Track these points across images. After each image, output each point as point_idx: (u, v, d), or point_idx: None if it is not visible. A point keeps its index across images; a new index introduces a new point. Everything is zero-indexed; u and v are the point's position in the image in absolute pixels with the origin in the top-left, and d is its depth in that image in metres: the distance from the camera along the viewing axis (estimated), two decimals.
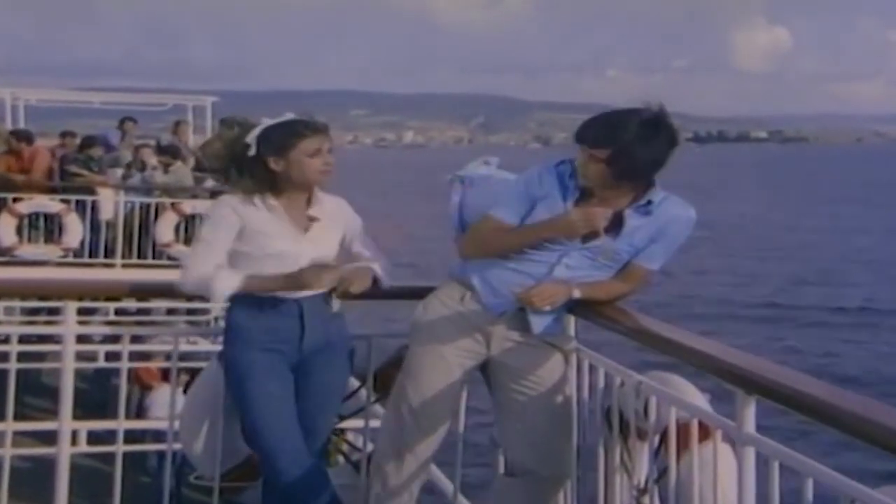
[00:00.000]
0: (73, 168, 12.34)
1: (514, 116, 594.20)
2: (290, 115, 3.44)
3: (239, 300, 3.44)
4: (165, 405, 9.03)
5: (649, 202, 3.35)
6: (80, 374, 3.93)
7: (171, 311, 11.63)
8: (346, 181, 3.49)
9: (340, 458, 4.58)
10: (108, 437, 5.01)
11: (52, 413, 4.11)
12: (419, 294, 3.67)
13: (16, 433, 4.37)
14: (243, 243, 3.40)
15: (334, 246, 3.50)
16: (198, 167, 12.91)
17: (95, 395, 9.24)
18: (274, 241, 3.37)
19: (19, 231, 11.67)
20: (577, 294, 3.34)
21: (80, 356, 4.13)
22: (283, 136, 3.35)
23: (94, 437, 5.94)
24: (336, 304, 3.49)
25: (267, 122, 3.41)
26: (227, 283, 3.37)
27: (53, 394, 3.98)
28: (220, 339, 3.58)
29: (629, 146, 3.21)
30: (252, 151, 3.35)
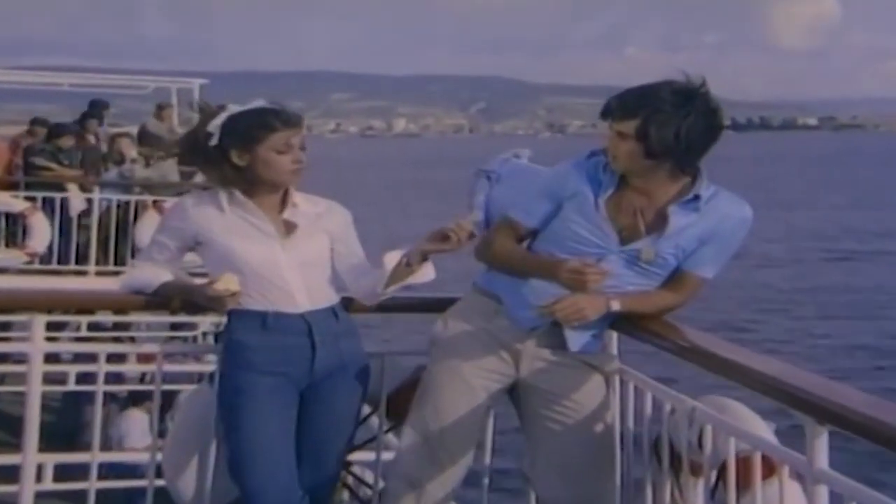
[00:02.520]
0: (40, 161, 12.38)
1: (520, 101, 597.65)
2: (259, 103, 3.46)
3: (238, 315, 3.47)
4: (141, 434, 9.16)
5: (696, 197, 3.35)
6: (46, 399, 3.95)
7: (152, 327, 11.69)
8: (329, 176, 3.50)
9: (346, 495, 4.58)
10: (78, 471, 5.03)
11: (13, 445, 4.13)
12: (439, 307, 3.68)
13: None
14: (208, 250, 3.46)
15: (318, 254, 3.51)
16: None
17: (64, 424, 9.29)
18: (241, 244, 3.40)
19: None
20: (615, 306, 3.34)
21: (47, 378, 4.15)
22: (249, 128, 3.37)
23: (62, 472, 5.97)
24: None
25: (234, 108, 3.43)
26: (135, 274, 3.62)
27: (14, 422, 4.01)
28: (209, 357, 3.60)
29: (658, 114, 3.22)
30: (214, 141, 3.38)
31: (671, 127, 3.21)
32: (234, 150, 3.36)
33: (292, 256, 3.42)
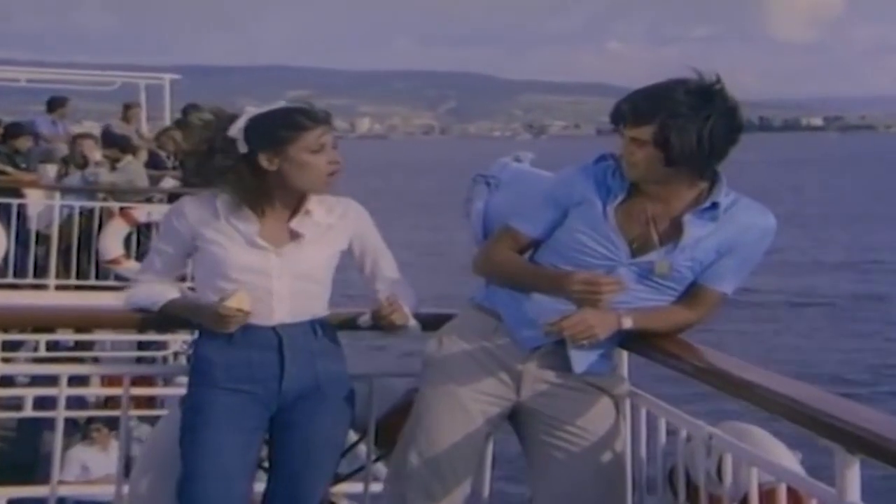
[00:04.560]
0: None
1: (494, 99, 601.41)
2: (281, 103, 3.49)
3: (206, 329, 3.49)
4: (79, 467, 9.14)
5: (714, 205, 3.36)
6: (0, 427, 3.96)
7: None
8: None
9: None
10: None
11: None
12: (433, 324, 3.69)
13: None
14: (199, 254, 3.49)
15: (316, 268, 3.53)
16: (153, 163, 12.95)
17: (20, 454, 9.27)
18: (230, 253, 3.42)
19: None
20: (627, 324, 3.35)
21: (2, 404, 4.15)
22: (277, 128, 3.38)
23: None
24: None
25: (252, 110, 3.44)
26: (139, 291, 3.60)
27: None
28: (179, 379, 3.62)
29: (677, 119, 3.22)
30: (241, 147, 3.38)
31: (692, 132, 3.22)
32: (262, 153, 3.37)
33: (286, 267, 3.44)
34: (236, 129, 3.39)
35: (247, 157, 3.38)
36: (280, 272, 3.43)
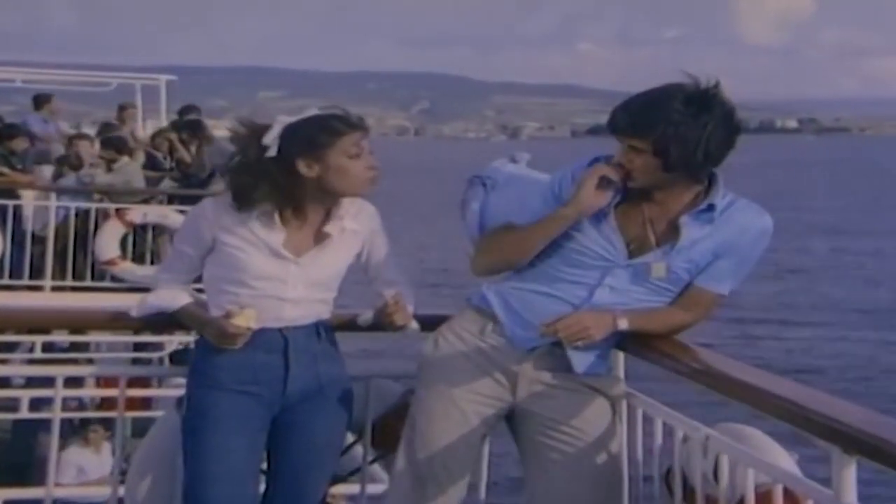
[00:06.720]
0: None
1: (466, 101, 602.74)
2: (314, 111, 3.49)
3: None
4: (76, 469, 9.14)
5: (711, 206, 3.37)
6: None
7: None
8: None
9: None
10: None
11: None
12: (429, 325, 3.69)
13: None
14: (215, 254, 3.47)
15: (334, 273, 3.54)
16: (149, 164, 12.93)
17: (15, 455, 9.26)
18: (249, 258, 3.41)
19: None
20: (623, 325, 3.35)
21: None
22: (315, 133, 3.37)
23: None
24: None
25: (285, 119, 3.42)
26: (150, 299, 3.56)
27: None
28: (176, 381, 3.62)
29: (676, 128, 3.22)
30: (272, 153, 3.36)
31: (692, 141, 3.23)
32: (301, 159, 3.35)
33: (302, 276, 3.44)
34: (270, 138, 3.37)
35: (283, 165, 3.36)
36: (295, 281, 3.44)
